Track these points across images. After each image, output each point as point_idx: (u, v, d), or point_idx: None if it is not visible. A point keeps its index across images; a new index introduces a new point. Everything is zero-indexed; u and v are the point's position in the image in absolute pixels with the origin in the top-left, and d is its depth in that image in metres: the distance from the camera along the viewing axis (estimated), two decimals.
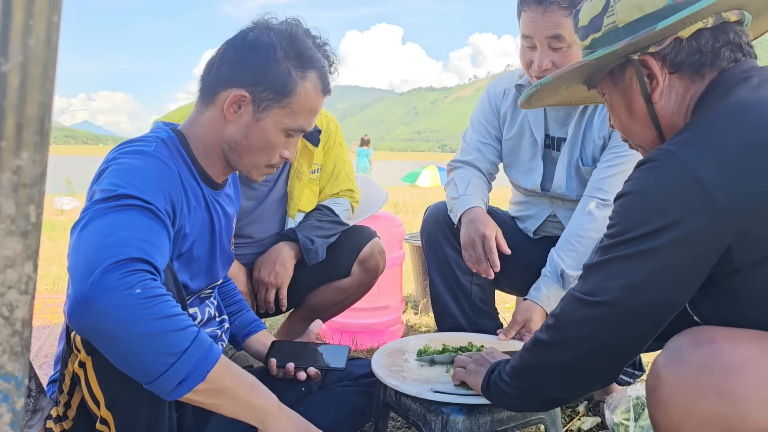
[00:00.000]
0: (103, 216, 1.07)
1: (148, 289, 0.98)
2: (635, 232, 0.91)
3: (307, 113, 1.34)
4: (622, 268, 0.92)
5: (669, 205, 0.88)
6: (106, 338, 0.97)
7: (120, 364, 1.00)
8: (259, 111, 1.29)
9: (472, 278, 1.92)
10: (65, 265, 3.56)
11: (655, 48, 1.00)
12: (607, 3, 1.06)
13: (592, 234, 1.78)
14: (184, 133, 1.33)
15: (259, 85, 1.28)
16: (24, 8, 0.45)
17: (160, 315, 0.98)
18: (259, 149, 1.33)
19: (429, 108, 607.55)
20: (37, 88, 0.47)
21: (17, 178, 0.49)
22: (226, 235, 1.46)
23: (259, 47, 1.28)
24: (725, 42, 0.99)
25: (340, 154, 2.10)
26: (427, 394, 1.25)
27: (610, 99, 1.12)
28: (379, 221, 2.49)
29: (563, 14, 1.69)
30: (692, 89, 1.01)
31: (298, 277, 1.90)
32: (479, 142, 2.04)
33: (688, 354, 0.85)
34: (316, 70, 1.33)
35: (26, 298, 0.52)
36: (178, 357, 0.98)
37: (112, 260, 0.98)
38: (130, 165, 1.16)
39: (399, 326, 2.78)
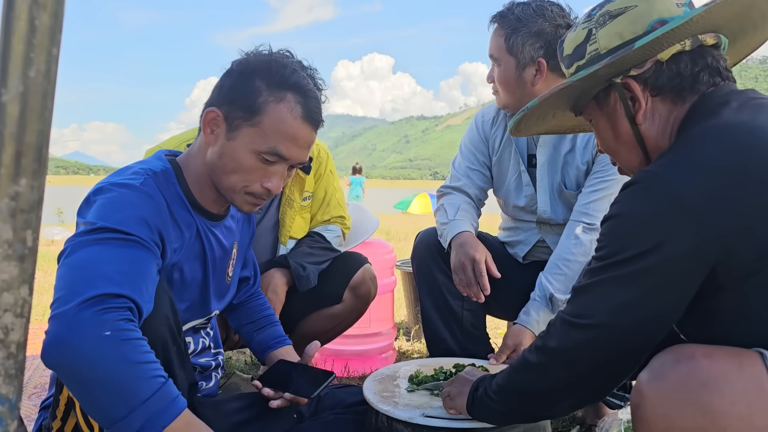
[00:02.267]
0: (82, 249, 1.08)
1: (119, 332, 0.98)
2: (623, 255, 0.92)
3: (281, 136, 1.28)
4: (611, 290, 0.94)
5: (655, 227, 0.90)
6: (70, 378, 0.98)
7: (81, 403, 1.01)
8: (231, 130, 1.29)
9: (463, 303, 1.93)
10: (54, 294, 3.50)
11: (636, 71, 1.04)
12: (590, 32, 1.10)
13: (579, 258, 1.80)
14: (180, 164, 1.35)
15: (231, 104, 1.28)
16: (25, 41, 0.47)
17: (125, 360, 0.98)
18: (231, 170, 1.30)
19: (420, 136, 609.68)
20: (36, 117, 0.49)
21: (15, 204, 0.50)
22: (221, 267, 1.46)
23: (238, 70, 1.31)
24: (703, 66, 1.02)
25: (331, 181, 2.12)
26: (418, 419, 1.26)
27: (597, 123, 1.15)
28: (370, 248, 2.50)
29: (498, 34, 1.85)
30: (675, 112, 1.05)
31: (290, 303, 1.91)
32: (468, 168, 2.07)
33: (668, 371, 0.87)
34: (295, 93, 1.30)
35: (21, 321, 0.54)
36: (135, 407, 0.97)
37: (85, 297, 0.99)
38: (114, 199, 1.18)
39: (391, 353, 2.77)
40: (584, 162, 1.89)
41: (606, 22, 1.08)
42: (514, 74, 1.84)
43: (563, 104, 1.20)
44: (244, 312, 1.68)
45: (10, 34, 0.46)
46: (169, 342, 1.17)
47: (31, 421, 1.93)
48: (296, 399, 1.45)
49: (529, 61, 1.81)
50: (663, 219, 0.90)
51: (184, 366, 1.24)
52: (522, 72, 1.82)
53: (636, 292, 0.92)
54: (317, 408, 1.54)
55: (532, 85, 1.82)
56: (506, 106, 1.94)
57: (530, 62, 1.81)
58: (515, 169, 2.00)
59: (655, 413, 0.86)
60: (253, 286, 1.71)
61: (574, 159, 1.89)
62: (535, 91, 1.80)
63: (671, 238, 0.89)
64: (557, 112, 1.26)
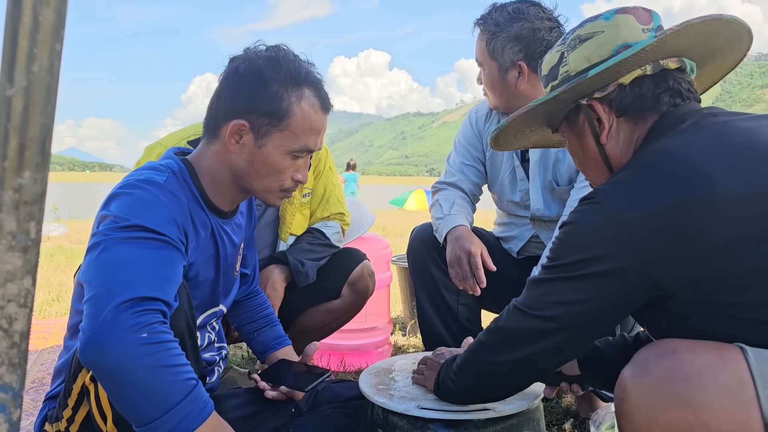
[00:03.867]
0: (117, 246, 1.10)
1: (155, 335, 1.01)
2: (569, 259, 1.00)
3: (308, 132, 1.33)
4: (557, 288, 1.02)
5: (599, 240, 0.97)
6: (107, 377, 1.01)
7: (115, 403, 1.04)
8: (260, 138, 1.30)
9: (458, 298, 1.95)
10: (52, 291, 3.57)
11: (599, 94, 1.10)
12: (562, 55, 1.17)
13: None
14: (193, 165, 1.36)
15: (254, 113, 1.29)
16: (29, 36, 0.48)
17: (161, 364, 1.01)
18: (266, 174, 1.33)
19: (417, 132, 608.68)
20: (39, 111, 0.50)
21: (19, 196, 0.51)
22: (231, 264, 1.48)
23: (250, 76, 1.30)
24: (665, 88, 1.08)
25: (330, 178, 2.13)
26: (413, 411, 1.27)
27: (568, 141, 1.22)
28: (366, 243, 2.51)
29: (480, 39, 1.89)
30: (637, 131, 1.10)
31: (289, 299, 1.92)
32: (462, 164, 2.09)
33: (651, 365, 0.88)
34: (309, 87, 1.33)
35: (25, 311, 0.55)
36: (167, 410, 1.00)
37: (123, 298, 1.01)
38: (144, 197, 1.19)
39: (387, 347, 2.79)
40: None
41: (576, 46, 1.14)
42: (498, 77, 1.88)
43: (537, 123, 1.27)
44: (245, 310, 1.69)
45: (16, 29, 0.47)
46: (186, 336, 1.19)
47: (29, 415, 1.94)
48: (291, 393, 1.46)
49: (510, 64, 1.85)
50: (607, 235, 0.96)
51: (197, 360, 1.27)
52: (505, 75, 1.87)
53: (577, 294, 0.99)
54: (315, 402, 1.56)
55: (516, 87, 1.87)
56: (496, 107, 1.99)
57: (511, 66, 1.85)
58: (509, 165, 2.02)
59: (638, 408, 0.88)
60: (252, 283, 1.72)
61: (566, 155, 1.91)
62: (520, 92, 1.86)
63: (612, 253, 0.95)
64: (534, 129, 1.31)
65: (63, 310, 3.73)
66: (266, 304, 1.73)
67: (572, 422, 1.91)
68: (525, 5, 1.85)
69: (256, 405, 1.49)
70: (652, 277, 0.94)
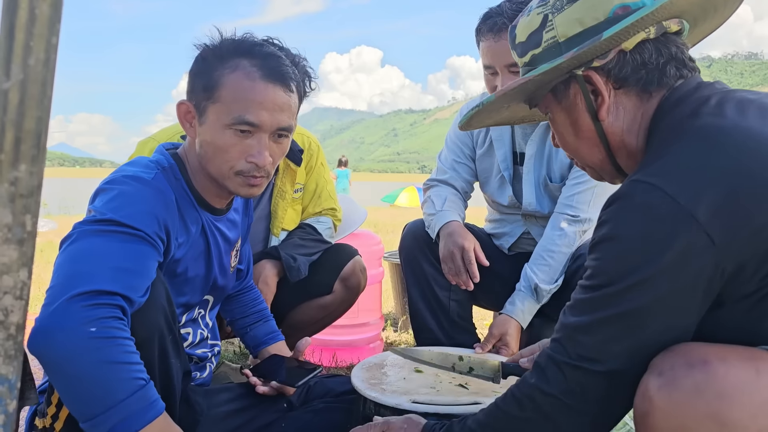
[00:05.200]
0: (86, 238, 1.09)
1: (105, 329, 0.98)
2: (625, 282, 0.83)
3: (244, 103, 1.23)
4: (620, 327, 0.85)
5: (664, 247, 0.81)
6: (52, 369, 0.99)
7: (61, 395, 1.02)
8: (201, 115, 1.27)
9: (449, 294, 1.96)
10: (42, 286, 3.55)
11: (599, 62, 0.96)
12: (545, 17, 1.01)
13: (563, 249, 1.83)
14: (183, 160, 1.34)
15: (194, 91, 1.27)
16: (25, 30, 0.48)
17: (107, 360, 0.98)
18: (213, 154, 1.26)
19: (408, 129, 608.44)
20: (35, 104, 0.51)
21: (15, 189, 0.52)
22: (225, 260, 1.47)
23: (195, 59, 1.29)
24: (669, 57, 0.96)
25: (322, 173, 2.14)
26: (405, 404, 1.28)
27: (555, 118, 1.07)
28: (358, 239, 2.52)
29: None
30: (642, 107, 0.98)
31: (281, 294, 1.92)
32: (454, 161, 2.09)
33: (680, 377, 0.79)
34: (248, 58, 1.25)
35: (21, 303, 0.55)
36: (109, 407, 0.97)
37: (78, 290, 0.99)
38: (125, 191, 1.18)
39: (378, 343, 2.80)
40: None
41: (564, 7, 0.99)
42: None
43: (519, 97, 1.12)
44: (238, 305, 1.69)
45: (13, 23, 0.48)
46: (165, 331, 1.18)
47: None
48: (283, 388, 1.47)
49: None
50: (670, 236, 0.81)
51: (179, 355, 1.26)
52: None
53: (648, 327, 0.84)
54: (307, 397, 1.56)
55: None
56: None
57: None
58: (498, 170, 2.02)
59: (667, 423, 0.80)
60: (246, 279, 1.72)
61: (559, 151, 1.92)
62: None
63: (685, 259, 0.80)
64: (511, 105, 1.17)
65: None
66: (259, 299, 1.73)
67: None
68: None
69: (247, 400, 1.49)
70: (726, 271, 0.81)
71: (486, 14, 1.81)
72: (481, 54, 1.84)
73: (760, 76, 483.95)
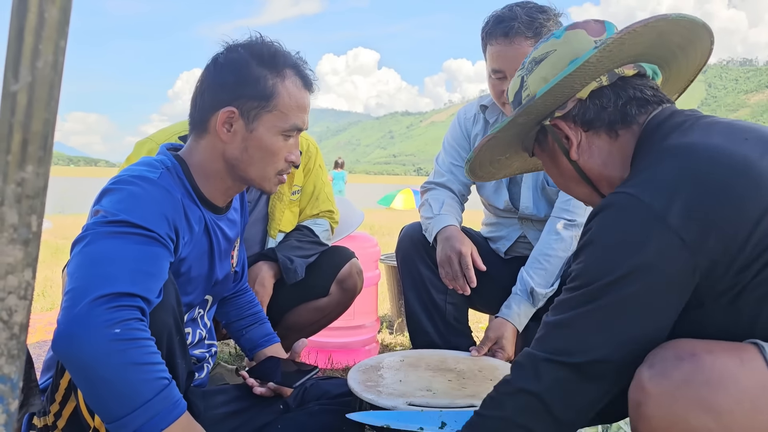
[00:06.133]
0: (102, 240, 1.09)
1: (128, 331, 1.00)
2: (604, 280, 0.90)
3: (296, 110, 1.34)
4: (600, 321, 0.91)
5: (636, 247, 0.89)
6: (77, 371, 1.00)
7: (86, 397, 1.04)
8: (250, 122, 1.31)
9: (446, 297, 1.97)
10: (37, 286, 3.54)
11: (560, 112, 1.09)
12: (522, 79, 1.16)
13: (560, 253, 1.84)
14: (185, 160, 1.36)
15: (241, 98, 1.30)
16: (34, 33, 0.49)
17: (131, 361, 0.99)
18: (261, 158, 1.34)
19: (405, 132, 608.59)
20: (43, 106, 0.51)
21: (21, 190, 0.52)
22: (225, 259, 1.48)
23: (231, 64, 1.31)
24: (627, 98, 1.05)
25: (320, 175, 2.14)
26: (401, 407, 1.29)
27: (543, 162, 1.21)
28: (355, 241, 2.52)
29: (528, 44, 1.76)
30: (615, 143, 1.07)
31: (277, 296, 1.93)
32: (451, 164, 2.10)
33: (670, 368, 0.86)
34: (290, 67, 1.35)
35: (25, 303, 0.55)
36: (135, 408, 0.99)
37: (100, 293, 1.00)
38: (135, 192, 1.19)
39: (374, 345, 2.81)
40: None
41: (533, 68, 1.13)
42: None
43: (511, 149, 1.25)
44: (233, 308, 1.69)
45: (22, 26, 0.48)
46: (173, 332, 1.19)
47: None
48: (280, 389, 1.47)
49: None
50: (644, 238, 0.88)
51: (185, 356, 1.27)
52: None
53: (623, 323, 0.90)
54: (303, 399, 1.57)
55: None
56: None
57: None
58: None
59: (658, 411, 0.85)
60: (241, 281, 1.72)
61: None
62: None
63: (658, 259, 0.87)
64: (511, 156, 1.29)
65: (48, 305, 3.71)
66: (255, 302, 1.73)
67: None
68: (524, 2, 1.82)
69: (244, 401, 1.50)
70: (698, 280, 0.88)
71: (497, 17, 1.80)
72: (490, 58, 1.83)
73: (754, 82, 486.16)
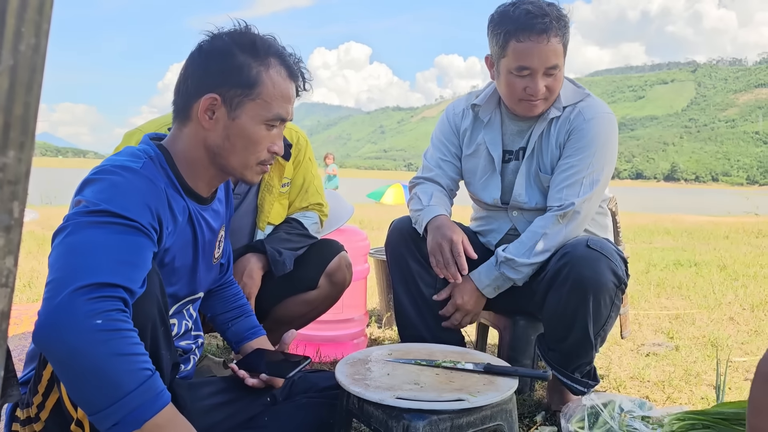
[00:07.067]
0: (83, 230, 1.08)
1: (111, 322, 0.99)
2: None
3: (280, 100, 1.33)
4: None
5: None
6: (59, 363, 0.99)
7: (67, 388, 1.02)
8: (233, 110, 1.30)
9: (435, 291, 1.97)
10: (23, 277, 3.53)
11: None
12: None
13: (537, 229, 1.87)
14: (168, 150, 1.35)
15: (225, 85, 1.29)
16: (16, 15, 0.48)
17: (114, 352, 0.98)
18: (243, 147, 1.33)
19: (395, 127, 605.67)
20: (24, 90, 0.50)
21: (2, 175, 0.51)
22: (209, 250, 1.47)
23: (215, 51, 1.30)
24: None
25: (309, 168, 2.13)
26: (388, 400, 1.28)
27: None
28: (344, 235, 2.52)
29: (557, 41, 1.78)
30: None
31: (266, 288, 1.92)
32: (440, 159, 2.10)
33: None
34: (274, 56, 1.33)
35: (6, 291, 0.55)
36: (118, 399, 0.98)
37: (82, 283, 0.99)
38: (117, 182, 1.18)
39: (362, 339, 2.80)
40: (558, 145, 1.93)
41: None
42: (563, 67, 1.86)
43: None
44: (218, 300, 1.67)
45: (4, 8, 0.47)
46: (158, 322, 1.18)
47: None
48: (272, 380, 1.46)
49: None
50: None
51: (170, 347, 1.26)
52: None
53: None
54: (290, 392, 1.56)
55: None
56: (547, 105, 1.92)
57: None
58: (487, 170, 2.03)
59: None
60: (226, 274, 1.71)
61: (549, 143, 1.94)
62: None
63: None
64: None
65: (34, 296, 3.68)
66: (240, 295, 1.71)
67: (543, 415, 1.94)
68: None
69: (231, 393, 1.49)
70: None
71: (528, 13, 1.76)
72: (515, 55, 1.80)
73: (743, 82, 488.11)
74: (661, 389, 2.30)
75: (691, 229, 9.94)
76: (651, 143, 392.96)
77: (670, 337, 3.10)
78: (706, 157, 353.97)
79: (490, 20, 1.88)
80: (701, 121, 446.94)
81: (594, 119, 1.90)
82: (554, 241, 1.85)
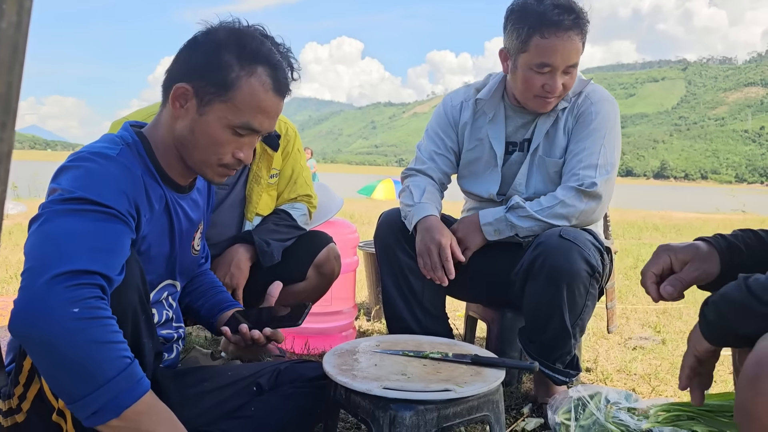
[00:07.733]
0: (58, 218, 1.07)
1: (88, 309, 0.98)
2: None
3: (254, 110, 1.29)
4: None
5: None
6: (36, 352, 0.98)
7: (45, 377, 1.01)
8: (202, 105, 1.28)
9: (423, 283, 1.96)
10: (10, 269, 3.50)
11: None
12: None
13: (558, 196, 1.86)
14: (147, 136, 1.34)
15: (201, 79, 1.27)
16: None
17: (92, 340, 0.97)
18: (204, 145, 1.30)
19: (387, 122, 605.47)
20: (6, 68, 0.50)
21: None
22: (187, 240, 1.46)
23: (206, 44, 1.29)
24: None
25: (298, 159, 2.13)
26: (375, 390, 1.28)
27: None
28: (333, 227, 2.52)
29: (579, 39, 1.78)
30: None
31: (254, 279, 1.92)
32: (434, 152, 2.10)
33: None
34: (265, 66, 1.29)
35: None
36: (97, 387, 0.97)
37: (58, 271, 0.98)
38: (93, 169, 1.16)
39: (351, 331, 2.81)
40: (566, 131, 1.95)
41: None
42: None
43: None
44: (195, 294, 1.64)
45: None
46: (139, 311, 1.17)
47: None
48: (274, 334, 1.43)
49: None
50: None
51: (152, 335, 1.25)
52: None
53: None
54: (277, 381, 1.55)
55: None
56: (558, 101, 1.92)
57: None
58: (489, 164, 2.03)
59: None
60: (204, 264, 1.69)
61: (557, 135, 1.95)
62: None
63: None
64: None
65: None
66: (219, 285, 1.68)
67: (530, 406, 1.95)
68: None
69: (216, 382, 1.48)
70: None
71: (554, 8, 1.75)
72: (539, 50, 1.78)
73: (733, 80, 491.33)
74: (647, 382, 2.32)
75: (679, 226, 10.02)
76: (641, 141, 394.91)
77: (657, 331, 3.12)
78: (695, 155, 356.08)
79: (510, 13, 1.84)
80: (691, 119, 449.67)
81: (600, 102, 1.93)
82: (569, 209, 1.83)
